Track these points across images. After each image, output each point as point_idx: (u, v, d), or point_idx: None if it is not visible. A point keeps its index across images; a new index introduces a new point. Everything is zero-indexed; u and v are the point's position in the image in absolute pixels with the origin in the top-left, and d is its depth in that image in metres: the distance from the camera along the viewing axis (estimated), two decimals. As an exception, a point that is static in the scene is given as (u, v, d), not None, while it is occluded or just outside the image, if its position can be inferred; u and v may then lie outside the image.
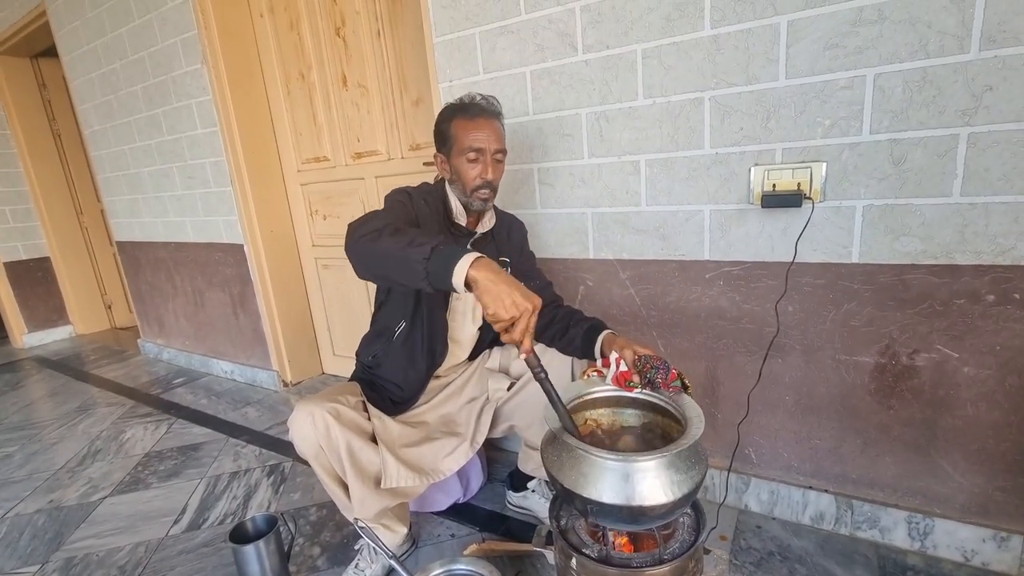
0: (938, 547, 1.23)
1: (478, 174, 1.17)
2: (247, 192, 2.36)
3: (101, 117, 2.94)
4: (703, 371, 1.43)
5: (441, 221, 1.22)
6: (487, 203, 1.22)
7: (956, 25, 1.00)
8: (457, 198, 1.23)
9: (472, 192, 1.19)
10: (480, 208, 1.23)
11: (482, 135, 1.16)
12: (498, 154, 1.19)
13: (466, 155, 1.16)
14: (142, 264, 3.17)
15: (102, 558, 1.50)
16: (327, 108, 2.22)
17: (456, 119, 1.18)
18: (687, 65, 1.26)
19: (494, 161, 1.18)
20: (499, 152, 1.19)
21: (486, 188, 1.19)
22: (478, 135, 1.15)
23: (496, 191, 1.23)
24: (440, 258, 0.84)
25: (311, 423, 1.10)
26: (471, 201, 1.21)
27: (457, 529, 1.49)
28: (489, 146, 1.16)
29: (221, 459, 1.99)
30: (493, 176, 1.19)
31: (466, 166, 1.17)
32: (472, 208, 1.23)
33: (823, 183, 1.16)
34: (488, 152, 1.17)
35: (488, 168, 1.17)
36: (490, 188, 1.20)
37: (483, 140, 1.16)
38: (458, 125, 1.17)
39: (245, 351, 2.73)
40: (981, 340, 1.10)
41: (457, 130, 1.17)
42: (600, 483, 0.82)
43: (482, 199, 1.20)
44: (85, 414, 2.55)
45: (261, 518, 1.29)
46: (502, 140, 1.20)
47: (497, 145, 1.18)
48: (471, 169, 1.17)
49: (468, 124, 1.16)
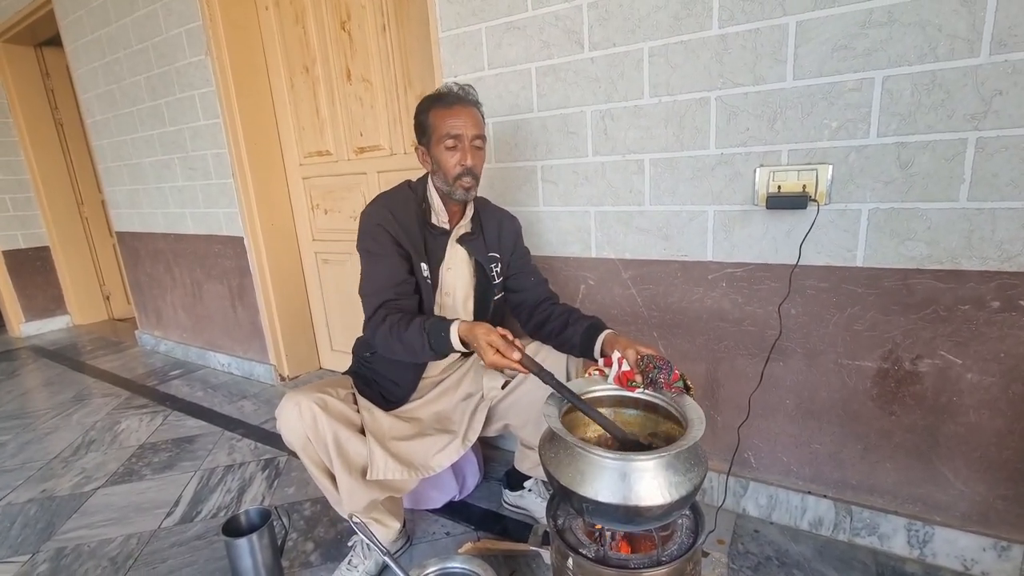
0: (937, 555, 1.22)
1: (457, 161, 1.17)
2: (248, 185, 2.35)
3: (103, 107, 2.93)
4: (704, 373, 1.42)
5: (420, 226, 1.23)
6: (470, 192, 1.21)
7: (966, 28, 0.99)
8: (440, 188, 1.23)
9: (454, 181, 1.19)
10: (463, 198, 1.22)
11: (459, 121, 1.16)
12: (477, 140, 1.19)
13: (444, 143, 1.17)
14: (141, 255, 3.16)
15: (93, 549, 1.48)
16: (330, 102, 2.21)
17: (433, 109, 1.18)
18: (694, 64, 1.25)
19: (473, 148, 1.18)
20: (477, 138, 1.19)
21: (468, 175, 1.19)
22: (455, 122, 1.16)
23: (478, 179, 1.23)
24: (435, 338, 1.06)
25: (298, 414, 1.10)
26: (454, 190, 1.20)
27: (452, 527, 1.48)
28: (467, 132, 1.16)
29: (216, 452, 1.98)
30: (473, 162, 1.18)
31: (445, 154, 1.17)
32: (455, 197, 1.22)
33: (829, 185, 1.15)
34: (466, 138, 1.17)
35: (467, 154, 1.17)
36: (471, 176, 1.19)
37: (460, 126, 1.16)
38: (435, 114, 1.17)
39: (242, 344, 2.72)
40: (985, 347, 1.09)
41: (435, 119, 1.17)
42: (597, 482, 0.81)
43: (464, 187, 1.20)
44: (80, 404, 2.54)
45: (255, 511, 1.28)
46: (480, 127, 1.20)
47: (475, 131, 1.18)
48: (450, 157, 1.17)
49: (445, 112, 1.16)
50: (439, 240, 1.27)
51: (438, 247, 1.27)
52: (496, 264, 1.33)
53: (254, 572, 1.19)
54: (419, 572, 1.11)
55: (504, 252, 1.35)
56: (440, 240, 1.27)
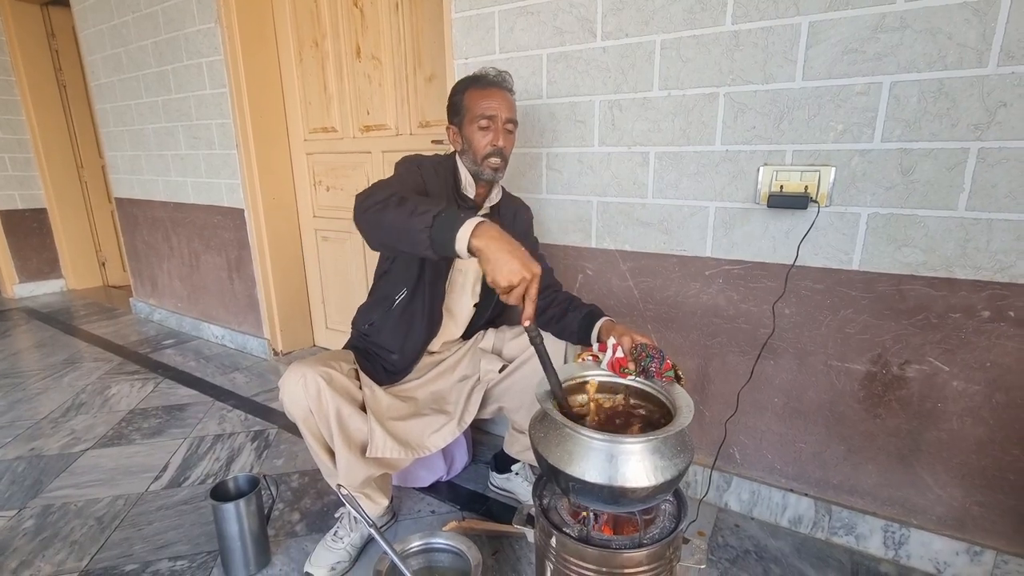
0: (911, 557, 1.24)
1: (489, 141, 1.19)
2: (252, 157, 2.34)
3: (109, 70, 2.90)
4: (695, 368, 1.44)
5: (450, 192, 1.24)
6: (497, 172, 1.23)
7: (976, 38, 1.00)
8: (467, 168, 1.24)
9: (483, 160, 1.21)
10: (490, 178, 1.23)
11: (494, 103, 1.19)
12: (509, 123, 1.21)
13: (478, 123, 1.19)
14: (140, 222, 3.14)
15: (80, 508, 1.49)
16: (339, 78, 2.20)
17: (469, 89, 1.21)
18: (705, 59, 1.25)
19: (505, 131, 1.21)
20: (510, 122, 1.21)
21: (496, 156, 1.21)
22: (491, 103, 1.18)
23: (507, 161, 1.25)
24: (442, 226, 0.85)
25: (303, 385, 1.10)
26: (482, 170, 1.22)
27: (438, 506, 1.50)
28: (501, 114, 1.19)
29: (206, 421, 1.99)
30: (504, 144, 1.21)
31: (478, 134, 1.19)
32: (482, 177, 1.24)
33: (831, 187, 1.16)
34: (499, 120, 1.19)
35: (499, 135, 1.20)
36: (500, 157, 1.21)
37: (495, 108, 1.19)
38: (471, 95, 1.20)
39: (237, 317, 2.72)
40: (973, 355, 1.11)
41: (470, 100, 1.20)
42: (584, 462, 0.82)
43: (492, 168, 1.22)
44: (71, 367, 2.54)
45: (243, 478, 1.29)
46: (513, 111, 1.23)
47: (508, 114, 1.21)
48: (483, 137, 1.19)
49: (481, 93, 1.19)
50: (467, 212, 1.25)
51: None
52: None
53: (240, 537, 1.21)
54: (403, 546, 1.13)
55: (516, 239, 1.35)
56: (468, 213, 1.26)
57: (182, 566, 1.27)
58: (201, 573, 1.25)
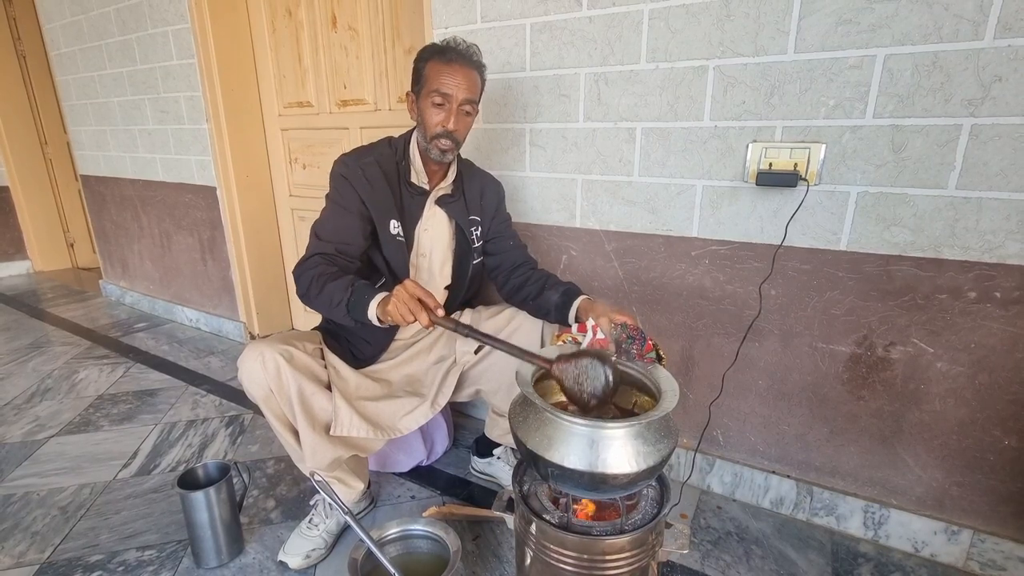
0: (891, 537, 1.25)
1: (439, 121, 1.12)
2: (223, 132, 2.24)
3: (69, 39, 2.74)
4: (680, 350, 1.41)
5: (396, 182, 1.18)
6: (445, 155, 1.16)
7: (973, 10, 0.96)
8: (419, 144, 1.18)
9: (431, 139, 1.14)
10: (437, 158, 1.17)
11: (452, 81, 1.10)
12: (466, 105, 1.13)
13: (432, 98, 1.11)
14: (107, 201, 3.01)
15: (43, 497, 1.43)
16: (314, 50, 2.10)
17: (431, 60, 1.12)
18: (694, 30, 1.20)
19: (460, 112, 1.13)
20: (467, 103, 1.13)
21: (446, 138, 1.14)
22: (448, 80, 1.10)
23: (459, 144, 1.18)
24: (355, 310, 0.99)
25: (261, 364, 1.06)
26: (429, 148, 1.16)
27: (418, 491, 1.47)
28: (457, 94, 1.11)
29: (179, 406, 1.93)
30: (455, 127, 1.13)
31: (431, 110, 1.12)
32: (430, 156, 1.18)
33: (820, 165, 1.13)
34: (455, 100, 1.11)
35: (451, 117, 1.12)
36: (451, 139, 1.14)
37: (452, 86, 1.10)
38: (432, 66, 1.12)
39: (212, 299, 2.64)
40: (958, 336, 1.10)
41: (430, 71, 1.12)
42: (565, 447, 0.79)
43: (440, 149, 1.15)
44: (37, 351, 2.44)
45: (213, 465, 1.24)
46: (474, 91, 1.14)
47: (466, 95, 1.12)
48: (434, 114, 1.12)
49: (442, 67, 1.11)
50: (417, 200, 1.22)
51: (415, 206, 1.22)
52: (476, 228, 1.29)
53: (210, 526, 1.16)
54: (380, 533, 1.09)
55: (485, 216, 1.31)
56: (418, 200, 1.22)
57: (150, 556, 1.23)
58: (170, 563, 1.21)
